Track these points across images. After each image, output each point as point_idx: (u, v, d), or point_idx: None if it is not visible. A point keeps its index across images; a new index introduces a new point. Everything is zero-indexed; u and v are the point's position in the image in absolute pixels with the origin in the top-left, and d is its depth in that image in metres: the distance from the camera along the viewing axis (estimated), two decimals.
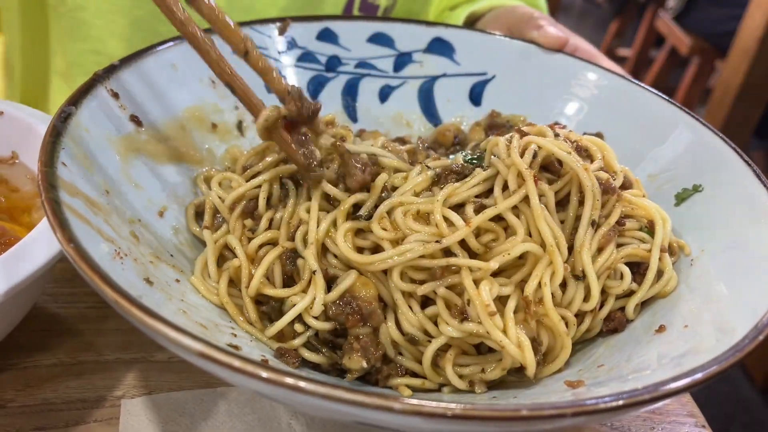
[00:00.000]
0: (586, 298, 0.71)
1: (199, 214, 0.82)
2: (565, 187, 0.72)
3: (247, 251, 0.74)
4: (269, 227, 0.76)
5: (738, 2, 3.20)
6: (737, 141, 0.84)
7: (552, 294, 0.68)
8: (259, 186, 0.78)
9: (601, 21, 5.40)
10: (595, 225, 0.71)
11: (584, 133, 0.92)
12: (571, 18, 5.92)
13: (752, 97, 3.12)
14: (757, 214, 0.73)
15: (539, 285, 0.67)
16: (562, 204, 0.73)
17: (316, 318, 0.69)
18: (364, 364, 0.65)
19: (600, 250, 0.72)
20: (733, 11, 3.28)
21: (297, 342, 0.69)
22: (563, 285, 0.70)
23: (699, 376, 0.52)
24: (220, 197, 0.80)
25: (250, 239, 0.76)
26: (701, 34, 3.53)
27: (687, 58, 3.65)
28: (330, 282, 0.71)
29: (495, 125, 0.95)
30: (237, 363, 0.48)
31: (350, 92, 1.01)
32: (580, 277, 0.70)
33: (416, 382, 0.68)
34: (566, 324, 0.69)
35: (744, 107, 3.15)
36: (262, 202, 0.77)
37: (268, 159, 0.80)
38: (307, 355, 0.68)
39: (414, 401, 0.47)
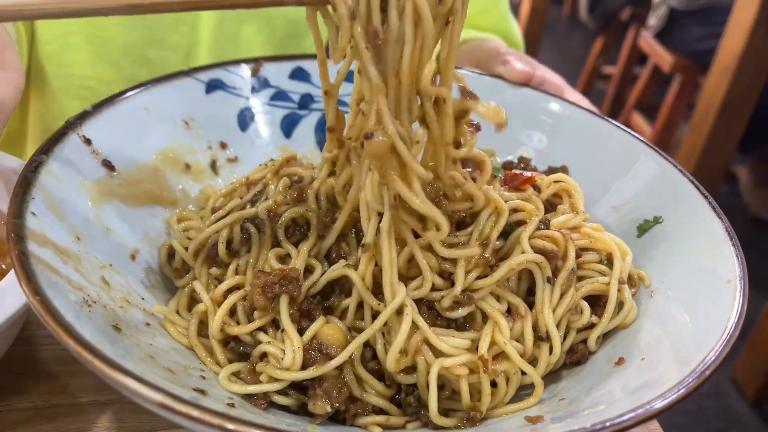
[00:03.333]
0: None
1: (171, 255, 0.84)
2: None
3: (214, 296, 0.75)
4: (236, 273, 0.78)
5: (718, 21, 3.25)
6: (722, 155, 0.86)
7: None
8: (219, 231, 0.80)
9: (585, 39, 5.47)
10: (551, 281, 0.74)
11: (549, 167, 0.95)
12: (557, 36, 5.99)
13: (734, 112, 3.16)
14: (712, 245, 0.75)
15: (492, 343, 0.70)
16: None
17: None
18: (328, 408, 0.66)
19: (562, 294, 0.74)
20: (713, 29, 3.33)
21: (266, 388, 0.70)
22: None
23: (641, 412, 0.53)
24: (183, 245, 0.82)
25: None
26: (683, 52, 3.58)
27: (670, 75, 3.69)
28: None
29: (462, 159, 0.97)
30: (196, 413, 0.50)
31: (323, 129, 1.03)
32: (544, 338, 0.73)
33: (381, 419, 0.69)
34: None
35: (727, 122, 3.19)
36: (221, 248, 0.79)
37: (232, 203, 0.82)
38: (276, 398, 0.69)
39: None
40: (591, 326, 0.76)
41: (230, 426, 0.50)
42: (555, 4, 6.08)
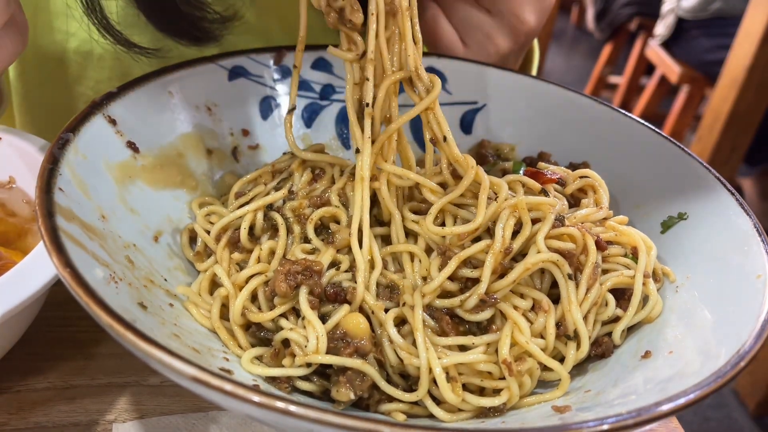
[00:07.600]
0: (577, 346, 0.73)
1: (193, 239, 0.83)
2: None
3: (236, 281, 0.75)
4: (258, 261, 0.78)
5: (726, 32, 3.27)
6: (727, 167, 0.86)
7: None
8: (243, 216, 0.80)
9: (592, 49, 5.48)
10: (573, 278, 0.73)
11: (570, 163, 0.95)
12: (563, 46, 6.01)
13: (741, 124, 3.17)
14: (739, 241, 0.75)
15: (512, 344, 0.70)
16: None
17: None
18: (351, 396, 0.66)
19: (588, 290, 0.73)
20: (721, 41, 3.35)
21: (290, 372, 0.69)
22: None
23: (682, 401, 0.53)
24: (205, 229, 0.82)
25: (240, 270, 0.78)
26: (690, 63, 3.59)
27: (677, 86, 3.70)
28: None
29: (481, 155, 0.97)
30: (228, 387, 0.49)
31: (344, 120, 1.03)
32: (572, 337, 0.72)
33: (405, 407, 0.68)
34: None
35: (733, 134, 3.20)
36: (243, 233, 0.79)
37: (256, 189, 0.82)
38: (299, 383, 0.68)
39: (404, 425, 0.48)
40: (616, 319, 0.75)
41: (258, 399, 0.50)
42: (562, 14, 6.11)
